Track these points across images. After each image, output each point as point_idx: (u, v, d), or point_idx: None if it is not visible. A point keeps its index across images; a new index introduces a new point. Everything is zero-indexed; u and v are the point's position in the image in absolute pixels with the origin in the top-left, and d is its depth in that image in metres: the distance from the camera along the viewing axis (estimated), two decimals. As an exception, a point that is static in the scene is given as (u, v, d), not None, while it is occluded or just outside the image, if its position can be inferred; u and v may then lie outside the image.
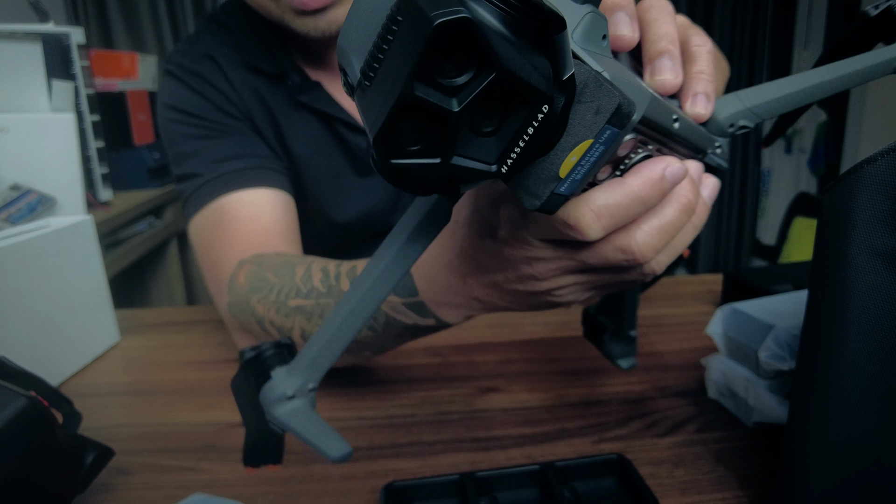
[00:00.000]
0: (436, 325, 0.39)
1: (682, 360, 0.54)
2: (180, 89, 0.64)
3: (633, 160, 0.26)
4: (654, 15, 0.29)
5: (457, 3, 0.15)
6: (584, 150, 0.21)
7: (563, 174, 0.21)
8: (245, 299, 0.49)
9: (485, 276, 0.32)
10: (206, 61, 0.65)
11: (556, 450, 0.41)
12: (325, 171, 0.68)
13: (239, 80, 0.65)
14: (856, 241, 0.26)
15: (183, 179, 0.62)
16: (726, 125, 0.31)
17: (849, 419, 0.27)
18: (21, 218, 0.83)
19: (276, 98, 0.65)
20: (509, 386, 0.50)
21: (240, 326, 0.53)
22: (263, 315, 0.48)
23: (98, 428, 0.46)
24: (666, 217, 0.27)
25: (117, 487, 0.39)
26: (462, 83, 0.17)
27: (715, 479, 0.38)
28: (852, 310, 0.26)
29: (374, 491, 0.38)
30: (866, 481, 0.26)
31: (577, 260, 0.28)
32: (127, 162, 1.75)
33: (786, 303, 0.43)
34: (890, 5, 0.37)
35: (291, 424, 0.30)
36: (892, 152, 0.25)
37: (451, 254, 0.33)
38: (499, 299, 0.33)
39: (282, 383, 0.30)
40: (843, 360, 0.27)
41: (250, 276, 0.50)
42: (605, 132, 0.21)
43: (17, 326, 0.50)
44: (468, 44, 0.16)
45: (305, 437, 0.30)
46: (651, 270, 0.28)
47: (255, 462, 0.34)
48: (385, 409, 0.48)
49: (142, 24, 2.38)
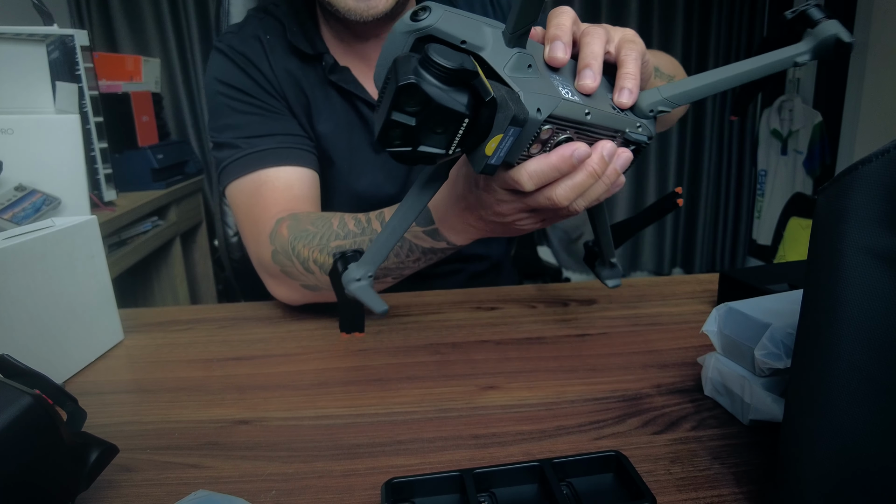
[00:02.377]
0: (446, 246, 0.56)
1: (678, 358, 0.54)
2: (229, 66, 0.74)
3: (557, 140, 0.40)
4: (587, 39, 0.43)
5: (412, 73, 0.32)
6: (499, 140, 0.36)
7: (489, 153, 0.36)
8: (290, 246, 0.63)
9: (474, 212, 0.49)
10: (253, 43, 0.75)
11: (555, 447, 0.42)
12: (346, 146, 0.79)
13: (279, 65, 0.75)
14: (850, 241, 0.26)
15: (221, 147, 0.73)
16: (647, 110, 0.44)
17: (843, 417, 0.27)
18: (26, 218, 0.84)
19: (309, 80, 0.76)
20: (508, 384, 0.51)
21: (279, 272, 0.65)
22: (308, 256, 0.62)
23: (102, 425, 0.47)
24: (577, 180, 0.41)
25: (121, 484, 0.40)
26: (416, 110, 0.33)
27: (711, 476, 0.38)
28: (847, 308, 0.26)
29: (375, 487, 0.38)
30: (861, 478, 0.26)
31: (524, 203, 0.44)
32: (131, 163, 1.76)
33: (781, 302, 0.43)
34: (804, 10, 0.46)
35: (357, 295, 0.45)
36: (887, 153, 0.25)
37: (454, 197, 0.51)
38: (485, 227, 0.50)
39: (354, 271, 0.45)
40: (837, 359, 0.27)
41: (291, 228, 0.63)
42: (510, 130, 0.35)
43: (22, 325, 0.51)
44: (417, 92, 0.32)
45: (365, 301, 0.46)
46: (574, 210, 0.43)
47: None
48: (386, 407, 0.48)
49: (145, 27, 2.40)
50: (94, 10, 2.34)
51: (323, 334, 0.63)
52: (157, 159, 1.79)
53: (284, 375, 0.54)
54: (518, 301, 0.70)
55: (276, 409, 0.49)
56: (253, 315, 0.70)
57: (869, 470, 0.26)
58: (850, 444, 0.27)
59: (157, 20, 2.40)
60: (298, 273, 0.63)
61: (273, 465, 0.41)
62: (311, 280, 0.63)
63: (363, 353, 0.58)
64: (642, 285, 0.74)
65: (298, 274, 0.63)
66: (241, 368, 0.56)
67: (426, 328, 0.63)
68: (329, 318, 0.67)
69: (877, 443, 0.26)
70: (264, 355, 0.59)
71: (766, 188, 2.92)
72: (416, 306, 0.70)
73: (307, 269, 0.62)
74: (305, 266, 0.62)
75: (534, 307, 0.68)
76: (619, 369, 0.53)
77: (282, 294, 0.68)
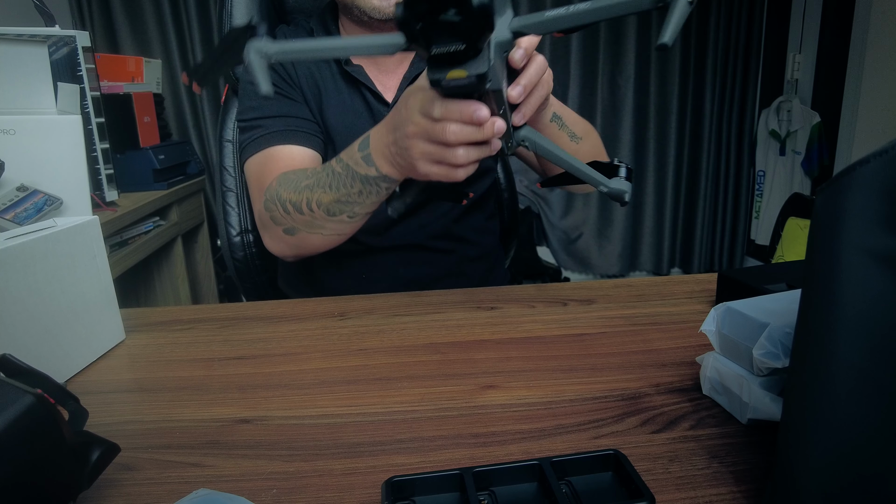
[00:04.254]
0: (376, 174, 0.64)
1: (677, 357, 0.55)
2: None
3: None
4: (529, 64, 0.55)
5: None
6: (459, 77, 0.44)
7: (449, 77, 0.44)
8: (275, 192, 0.75)
9: (396, 132, 0.59)
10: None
11: (554, 445, 0.42)
12: (351, 132, 0.87)
13: (300, 63, 0.90)
14: (848, 241, 0.26)
15: (244, 130, 0.87)
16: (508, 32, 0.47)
17: (841, 416, 0.27)
18: (28, 218, 0.84)
19: (323, 74, 0.89)
20: (508, 383, 0.51)
21: (269, 219, 0.76)
22: (286, 198, 0.73)
23: (104, 424, 0.47)
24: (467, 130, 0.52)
25: (122, 483, 0.40)
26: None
27: (710, 474, 0.38)
28: (844, 308, 0.26)
29: (376, 485, 0.38)
30: (859, 476, 0.26)
31: (428, 130, 0.54)
32: (132, 163, 1.76)
33: (779, 301, 0.43)
34: None
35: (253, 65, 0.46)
36: (885, 154, 0.25)
37: (387, 121, 0.62)
38: (396, 151, 0.60)
39: (265, 45, 0.45)
40: (835, 358, 0.27)
41: (279, 179, 0.76)
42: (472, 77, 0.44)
43: (24, 325, 0.51)
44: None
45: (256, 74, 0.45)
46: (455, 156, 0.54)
47: (196, 78, 0.51)
48: (386, 406, 0.48)
49: (147, 28, 2.40)
50: (96, 11, 2.34)
51: (324, 334, 0.64)
52: (158, 160, 1.80)
53: (285, 375, 0.55)
54: (517, 301, 0.71)
55: (276, 408, 0.49)
56: (254, 314, 0.70)
57: (867, 468, 0.26)
58: (847, 442, 0.27)
59: (159, 21, 2.40)
60: (280, 216, 0.74)
61: (274, 463, 0.41)
62: (289, 221, 0.74)
63: (364, 353, 0.58)
64: (641, 285, 0.75)
65: (280, 216, 0.74)
66: (242, 368, 0.56)
67: (426, 328, 0.64)
68: (329, 318, 0.68)
69: (874, 441, 0.26)
70: (265, 355, 0.59)
71: (765, 188, 2.92)
72: (416, 306, 0.70)
73: (285, 210, 0.73)
74: (284, 207, 0.73)
75: (533, 307, 0.69)
76: (618, 369, 0.53)
77: (270, 244, 0.80)
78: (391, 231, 0.90)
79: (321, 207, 0.70)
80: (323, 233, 0.73)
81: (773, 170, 2.86)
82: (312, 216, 0.71)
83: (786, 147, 2.77)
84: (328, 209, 0.70)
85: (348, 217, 0.70)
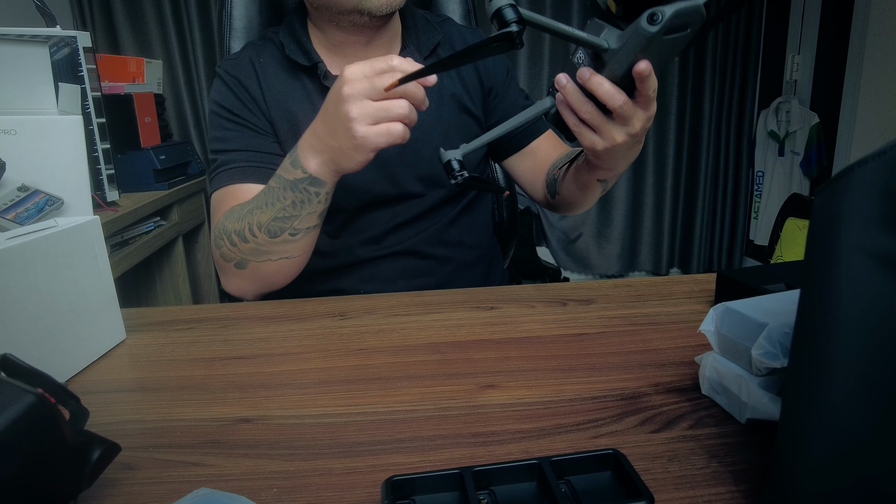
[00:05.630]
0: (302, 175, 0.66)
1: (676, 357, 0.55)
2: (223, 89, 0.87)
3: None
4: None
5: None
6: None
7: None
8: (222, 227, 0.75)
9: (326, 111, 0.63)
10: (247, 67, 0.87)
11: (553, 445, 0.42)
12: None
13: (270, 85, 0.86)
14: (847, 242, 0.26)
15: (211, 161, 0.86)
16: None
17: (840, 416, 0.27)
18: (29, 218, 0.84)
19: (296, 96, 0.86)
20: (507, 382, 0.51)
21: (219, 257, 0.76)
22: (231, 229, 0.73)
23: (104, 424, 0.47)
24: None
25: (123, 482, 0.40)
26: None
27: (709, 474, 0.38)
28: (843, 308, 0.27)
29: (376, 484, 0.38)
30: (858, 476, 0.26)
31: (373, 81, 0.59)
32: (133, 163, 1.76)
33: (778, 302, 0.43)
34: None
35: None
36: (883, 154, 0.25)
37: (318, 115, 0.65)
38: (330, 133, 0.63)
39: None
40: (834, 358, 0.27)
41: (227, 213, 0.77)
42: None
43: (24, 325, 0.51)
44: None
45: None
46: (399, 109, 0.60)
47: None
48: (386, 405, 0.49)
49: (148, 28, 2.40)
50: (97, 12, 2.35)
51: (324, 334, 0.64)
52: (159, 160, 1.80)
53: (285, 374, 0.55)
54: (517, 301, 0.71)
55: (277, 407, 0.49)
56: (254, 314, 0.70)
57: (865, 468, 0.26)
58: (846, 442, 0.27)
59: (160, 22, 2.40)
60: (228, 250, 0.74)
61: (274, 462, 0.42)
62: (236, 253, 0.74)
63: (364, 352, 0.59)
64: (640, 285, 0.75)
65: (227, 251, 0.74)
66: (243, 367, 0.57)
67: (426, 328, 0.64)
68: (330, 318, 0.68)
69: (873, 441, 0.26)
70: (266, 354, 0.59)
71: (764, 189, 2.92)
72: (416, 306, 0.70)
73: (231, 241, 0.73)
74: (230, 239, 0.73)
75: (533, 307, 0.69)
76: (617, 368, 0.53)
77: (227, 283, 0.79)
78: (387, 238, 0.89)
79: (262, 229, 0.71)
80: (271, 258, 0.73)
81: (771, 170, 2.86)
82: (256, 241, 0.72)
83: (785, 147, 2.77)
84: (269, 230, 0.70)
85: (290, 235, 0.71)
